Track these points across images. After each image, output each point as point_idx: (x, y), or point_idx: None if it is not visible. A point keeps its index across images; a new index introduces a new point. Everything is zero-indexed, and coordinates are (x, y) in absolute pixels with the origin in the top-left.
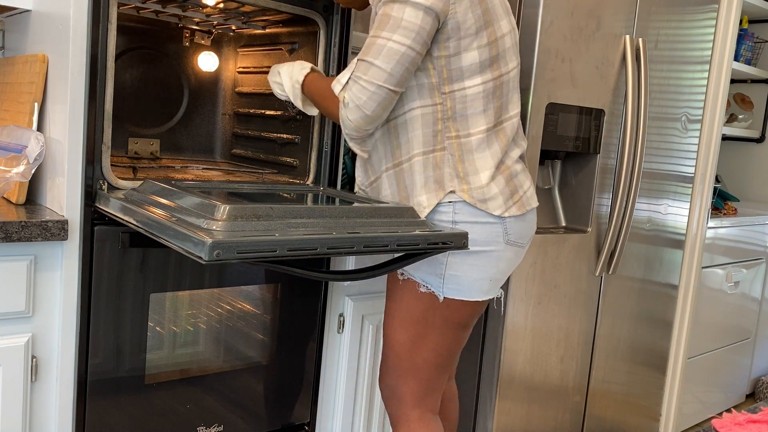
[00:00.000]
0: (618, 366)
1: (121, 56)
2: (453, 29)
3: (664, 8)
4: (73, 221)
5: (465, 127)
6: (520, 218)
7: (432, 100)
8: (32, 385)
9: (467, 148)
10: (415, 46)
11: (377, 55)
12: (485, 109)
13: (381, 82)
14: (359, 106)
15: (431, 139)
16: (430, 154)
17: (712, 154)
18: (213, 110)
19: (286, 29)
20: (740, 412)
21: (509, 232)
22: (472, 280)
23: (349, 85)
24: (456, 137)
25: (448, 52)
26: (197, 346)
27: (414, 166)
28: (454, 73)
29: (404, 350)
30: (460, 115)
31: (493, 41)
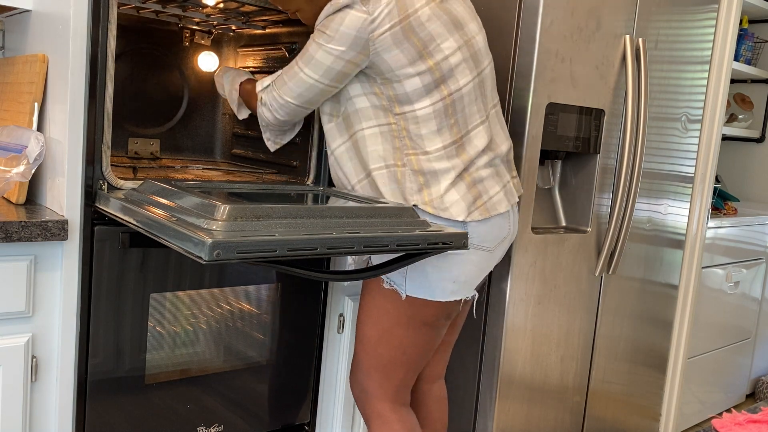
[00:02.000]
0: (618, 366)
1: (121, 56)
2: (382, 66)
3: (664, 8)
4: (73, 221)
5: (421, 146)
6: (483, 222)
7: (386, 120)
8: (32, 385)
9: (426, 164)
10: (323, 80)
11: (291, 78)
12: (439, 129)
13: (290, 99)
14: (271, 110)
15: (391, 154)
16: (393, 168)
17: (712, 154)
18: (213, 110)
19: (286, 29)
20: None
21: (472, 235)
22: (434, 280)
23: (268, 89)
24: (414, 154)
25: (389, 82)
26: (197, 346)
27: (378, 178)
28: (401, 97)
29: (371, 345)
30: (415, 135)
31: (434, 66)
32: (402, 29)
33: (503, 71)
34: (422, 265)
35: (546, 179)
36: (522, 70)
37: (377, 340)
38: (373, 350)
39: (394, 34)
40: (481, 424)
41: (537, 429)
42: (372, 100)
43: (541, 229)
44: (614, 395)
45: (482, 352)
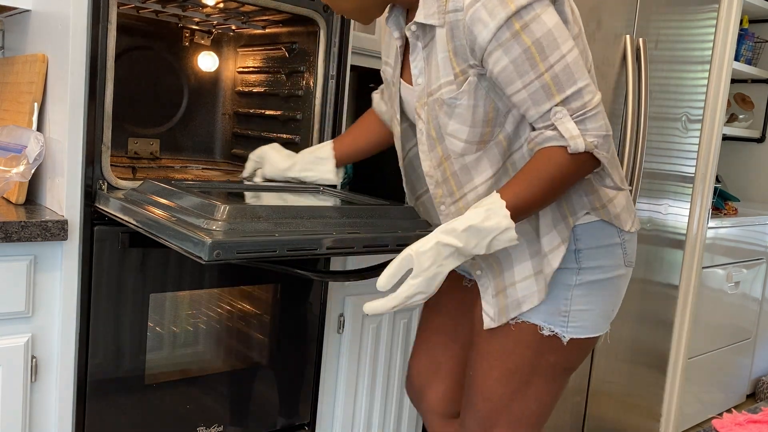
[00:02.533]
0: (618, 366)
1: (121, 56)
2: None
3: (664, 8)
4: (73, 221)
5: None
6: (633, 235)
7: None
8: (32, 385)
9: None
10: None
11: (570, 79)
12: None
13: (595, 95)
14: (605, 135)
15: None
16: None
17: (713, 154)
18: (213, 110)
19: (286, 29)
20: (740, 413)
21: (627, 252)
22: (597, 314)
23: (583, 127)
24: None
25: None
26: (197, 346)
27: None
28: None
29: (503, 403)
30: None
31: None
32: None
33: None
34: (586, 300)
35: None
36: None
37: (512, 397)
38: (505, 408)
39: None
40: None
41: None
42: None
43: None
44: (614, 395)
45: None
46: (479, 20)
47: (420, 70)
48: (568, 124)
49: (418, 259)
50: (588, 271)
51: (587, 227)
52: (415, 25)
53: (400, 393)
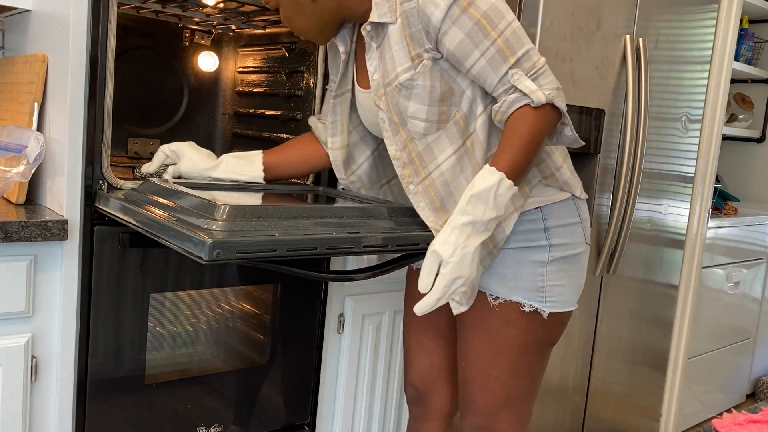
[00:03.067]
0: (618, 366)
1: (121, 56)
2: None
3: (664, 8)
4: (73, 221)
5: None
6: (586, 214)
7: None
8: (32, 385)
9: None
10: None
11: (518, 43)
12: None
13: (543, 58)
14: (557, 87)
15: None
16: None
17: (713, 154)
18: (213, 110)
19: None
20: (740, 412)
21: (585, 229)
22: (568, 289)
23: (538, 83)
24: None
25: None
26: (197, 346)
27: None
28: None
29: (500, 384)
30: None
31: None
32: None
33: None
34: (558, 276)
35: None
36: None
37: (508, 377)
38: (503, 388)
39: None
40: None
41: (537, 429)
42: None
43: None
44: (614, 395)
45: None
46: (431, 2)
47: (375, 67)
48: (526, 82)
49: (441, 249)
50: (557, 247)
51: (553, 207)
52: (370, 25)
53: (400, 393)
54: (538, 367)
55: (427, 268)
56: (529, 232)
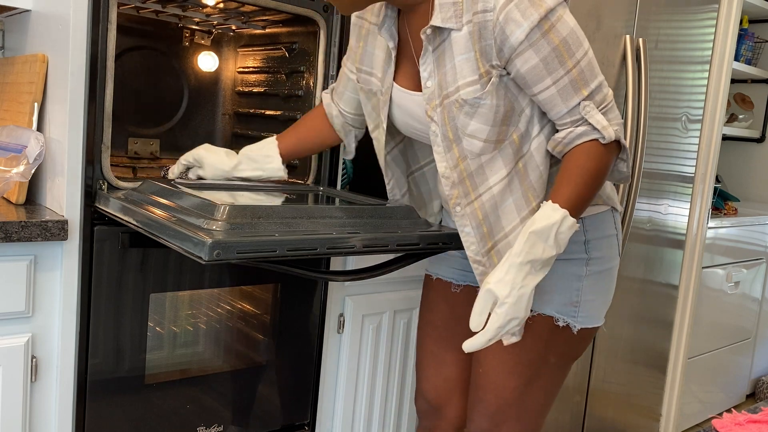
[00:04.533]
0: (618, 366)
1: (121, 56)
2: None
3: (664, 8)
4: (73, 221)
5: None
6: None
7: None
8: (32, 385)
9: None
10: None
11: (591, 74)
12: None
13: (611, 90)
14: (621, 123)
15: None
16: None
17: (713, 154)
18: (213, 110)
19: (286, 29)
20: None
21: (619, 242)
22: (600, 304)
23: (607, 118)
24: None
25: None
26: (197, 346)
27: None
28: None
29: (513, 397)
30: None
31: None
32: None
33: None
34: (592, 290)
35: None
36: None
37: (523, 390)
38: (517, 401)
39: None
40: None
41: None
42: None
43: None
44: (614, 395)
45: None
46: (512, 20)
47: (429, 73)
48: (597, 116)
49: (496, 289)
50: (595, 261)
51: (593, 219)
52: (431, 28)
53: (400, 393)
54: (556, 382)
55: (479, 307)
56: (570, 244)
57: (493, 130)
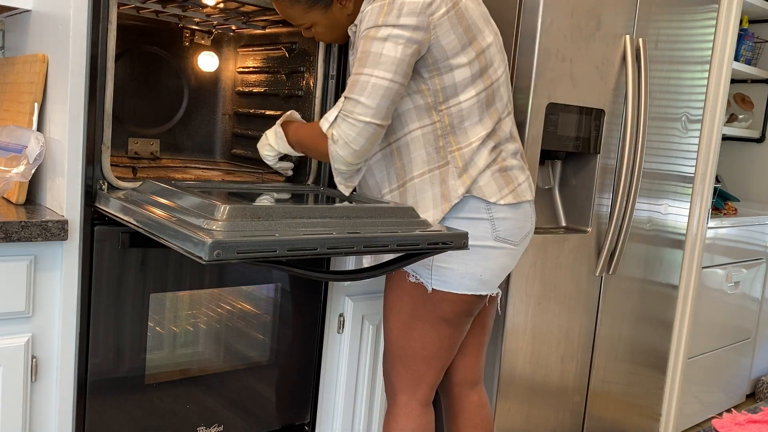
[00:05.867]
0: (618, 366)
1: (121, 56)
2: (438, 52)
3: (664, 8)
4: (73, 221)
5: (465, 139)
6: (510, 211)
7: (430, 119)
8: (32, 385)
9: (468, 156)
10: (396, 78)
11: (362, 91)
12: (481, 118)
13: (369, 119)
14: (348, 142)
15: (435, 156)
16: (436, 171)
17: (712, 154)
18: (213, 110)
19: (286, 29)
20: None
21: (497, 228)
22: (459, 274)
23: (338, 122)
24: (458, 149)
25: (439, 72)
26: (197, 346)
27: (420, 184)
28: (449, 90)
29: (394, 338)
30: (458, 129)
31: (480, 53)
32: (456, 13)
33: None
34: (447, 258)
35: (546, 179)
36: (522, 70)
37: (399, 333)
38: (396, 342)
39: (450, 18)
40: None
41: (537, 429)
42: (416, 101)
43: (541, 229)
44: (614, 395)
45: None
46: (363, 20)
47: (352, 62)
48: (335, 111)
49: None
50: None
51: (460, 204)
52: (354, 26)
53: None
54: (431, 336)
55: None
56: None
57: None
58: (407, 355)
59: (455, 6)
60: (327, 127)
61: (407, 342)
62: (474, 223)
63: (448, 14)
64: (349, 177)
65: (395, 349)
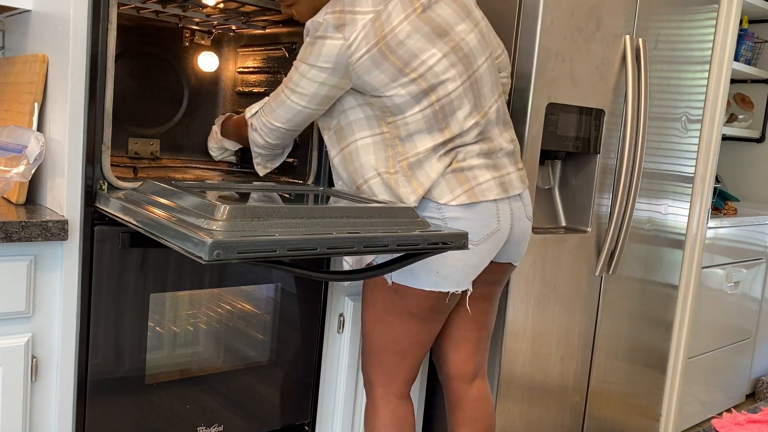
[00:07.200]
0: (618, 366)
1: (121, 56)
2: (366, 86)
3: (664, 8)
4: (73, 221)
5: (413, 148)
6: (464, 211)
7: (380, 129)
8: (32, 385)
9: (417, 165)
10: (310, 106)
11: (279, 105)
12: (430, 131)
13: (279, 124)
14: (261, 134)
15: (384, 163)
16: (385, 175)
17: (712, 154)
18: (213, 110)
19: (286, 29)
20: (740, 412)
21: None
22: (418, 269)
23: (257, 115)
24: (405, 159)
25: (378, 95)
26: (197, 346)
27: (373, 187)
28: (393, 108)
29: (368, 331)
30: (407, 140)
31: (419, 77)
32: (379, 51)
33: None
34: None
35: (546, 179)
36: (522, 70)
37: (372, 327)
38: (370, 336)
39: (372, 57)
40: None
41: (537, 429)
42: (366, 111)
43: (541, 229)
44: (614, 395)
45: None
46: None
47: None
48: (259, 105)
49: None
50: None
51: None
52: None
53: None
54: (399, 329)
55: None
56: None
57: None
58: (380, 349)
59: (380, 41)
60: (249, 115)
61: (379, 336)
62: (431, 222)
63: (369, 53)
64: (268, 160)
65: (369, 344)
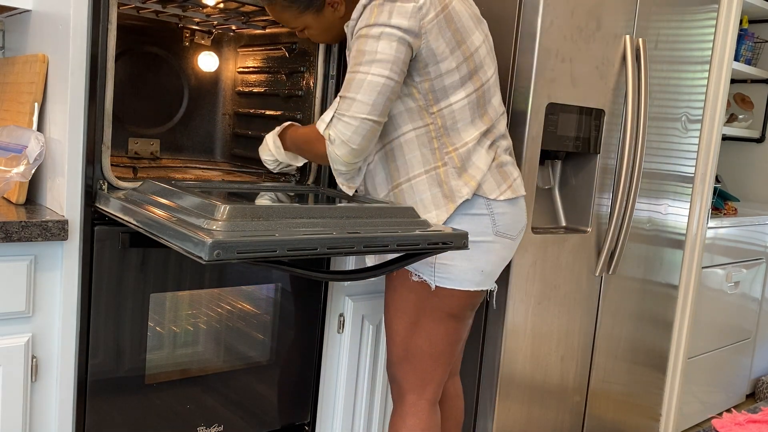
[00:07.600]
0: (618, 366)
1: (121, 56)
2: (428, 56)
3: (664, 8)
4: (73, 221)
5: (459, 140)
6: (509, 206)
7: (423, 122)
8: (32, 385)
9: (466, 156)
10: (393, 75)
11: (358, 89)
12: (473, 119)
13: (365, 115)
14: (345, 141)
15: (431, 158)
16: (433, 172)
17: (712, 154)
18: (213, 110)
19: (286, 29)
20: (740, 412)
21: (497, 223)
22: (463, 270)
23: (333, 122)
24: (454, 150)
25: (429, 76)
26: (197, 346)
27: (417, 186)
28: (439, 93)
29: (400, 338)
30: (452, 130)
31: (469, 56)
32: (445, 17)
33: (503, 71)
34: (450, 255)
35: (546, 179)
36: (522, 70)
37: (405, 334)
38: (403, 343)
39: (439, 22)
40: (481, 424)
41: (537, 429)
42: (407, 103)
43: (541, 229)
44: (614, 395)
45: (482, 352)
46: (358, 18)
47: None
48: (330, 112)
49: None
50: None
51: (463, 205)
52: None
53: None
54: (437, 332)
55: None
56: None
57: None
58: (414, 355)
59: (444, 9)
60: (323, 128)
61: (414, 341)
62: (476, 219)
63: (437, 18)
64: (351, 177)
65: (401, 351)
